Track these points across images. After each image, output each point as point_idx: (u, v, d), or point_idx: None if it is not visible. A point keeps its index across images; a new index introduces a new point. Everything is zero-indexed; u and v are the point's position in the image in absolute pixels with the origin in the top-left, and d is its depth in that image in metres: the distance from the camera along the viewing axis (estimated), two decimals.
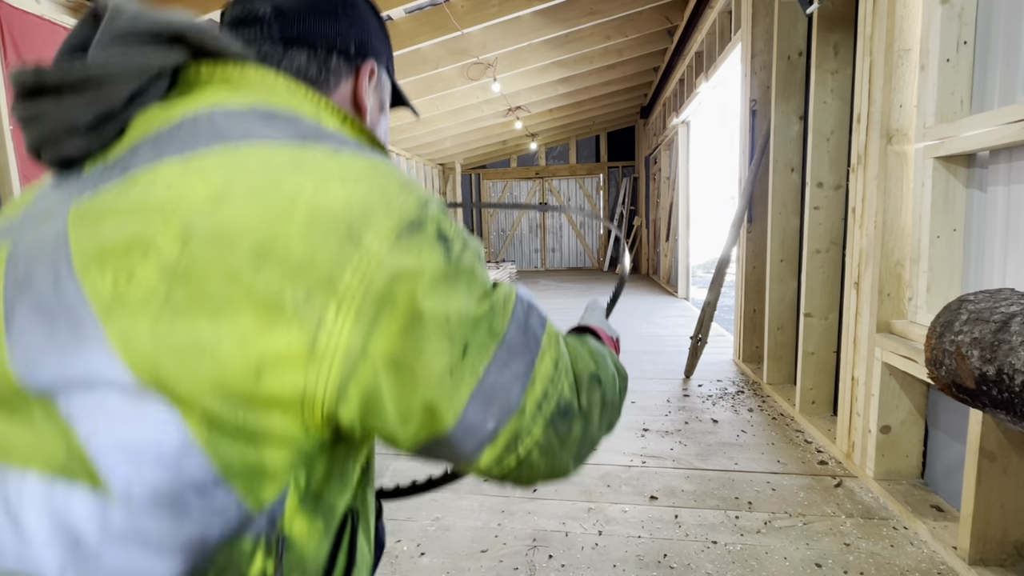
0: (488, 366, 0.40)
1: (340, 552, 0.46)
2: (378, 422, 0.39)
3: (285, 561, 0.40)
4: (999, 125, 1.38)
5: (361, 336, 0.36)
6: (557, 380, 0.45)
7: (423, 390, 0.38)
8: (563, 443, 0.46)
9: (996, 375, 1.00)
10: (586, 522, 1.72)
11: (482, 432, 0.41)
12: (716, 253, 8.93)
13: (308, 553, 0.42)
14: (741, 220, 3.23)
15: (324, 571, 0.44)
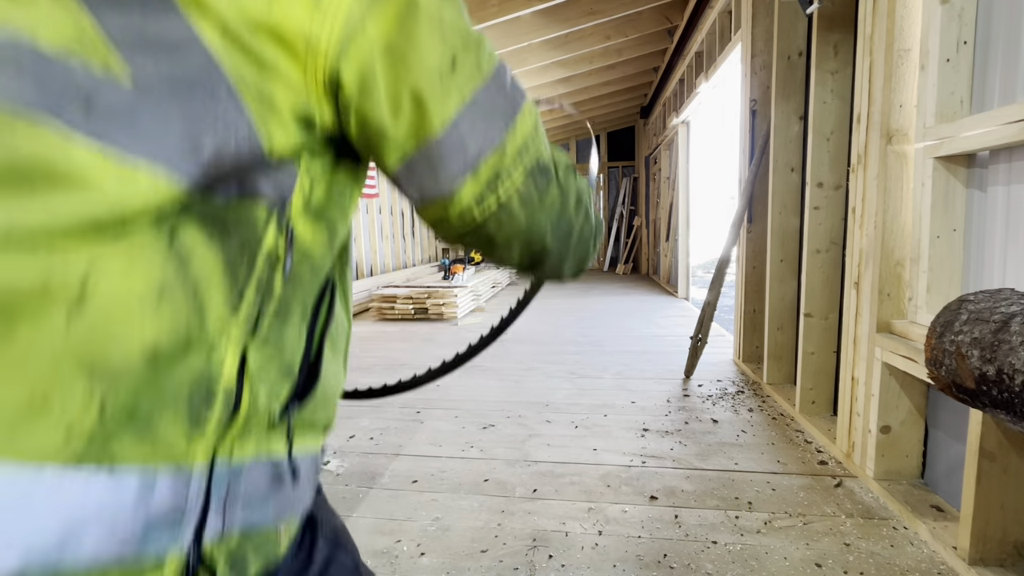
0: (475, 93, 0.43)
1: (323, 303, 0.48)
2: (371, 105, 0.40)
3: (294, 253, 0.41)
4: (999, 125, 1.38)
5: (361, 8, 0.38)
6: (536, 139, 0.48)
7: (414, 78, 0.40)
8: (542, 200, 0.49)
9: (996, 375, 1.00)
10: (586, 522, 1.72)
11: (466, 155, 0.43)
12: (716, 253, 8.93)
13: (315, 255, 0.44)
14: (741, 220, 3.23)
15: (314, 304, 0.46)
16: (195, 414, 0.37)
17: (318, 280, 0.46)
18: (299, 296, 0.43)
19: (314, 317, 0.46)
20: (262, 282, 0.39)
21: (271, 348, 0.41)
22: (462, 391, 3.13)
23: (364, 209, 7.34)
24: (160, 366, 0.35)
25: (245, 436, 0.40)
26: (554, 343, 4.30)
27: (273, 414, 0.42)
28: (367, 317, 5.98)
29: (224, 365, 0.38)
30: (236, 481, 0.40)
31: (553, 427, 2.53)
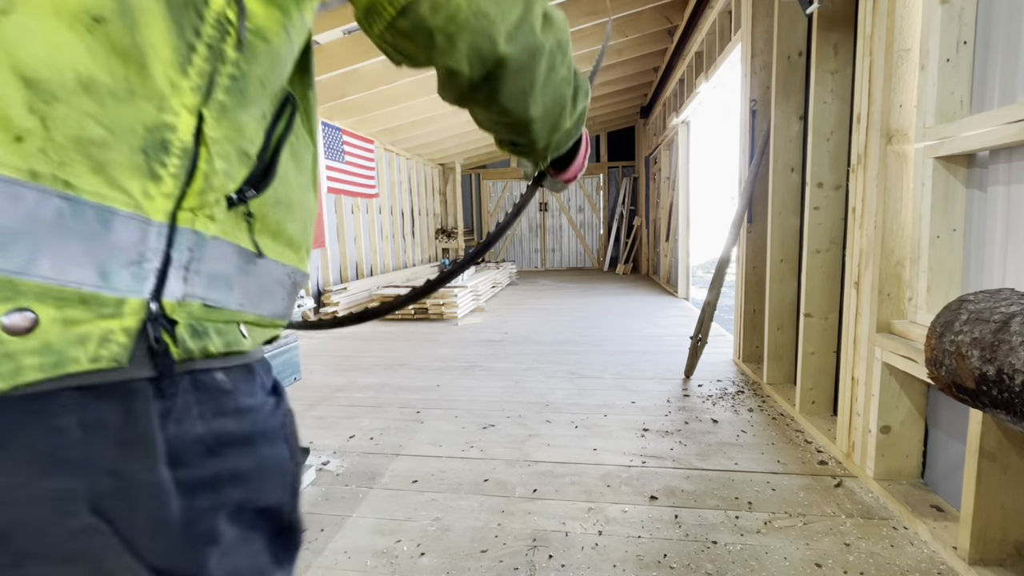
0: None
1: (284, 114, 0.49)
2: None
3: (245, 24, 0.41)
4: (999, 125, 1.38)
5: None
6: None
7: None
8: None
9: (996, 375, 1.00)
10: (586, 522, 1.72)
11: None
12: (716, 253, 8.92)
13: (268, 34, 0.44)
14: (741, 220, 3.23)
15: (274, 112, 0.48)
16: (151, 164, 0.38)
17: (276, 74, 0.46)
18: (256, 78, 0.44)
19: (274, 122, 0.48)
20: (213, 46, 0.40)
21: (229, 126, 0.42)
22: (462, 391, 3.13)
23: (364, 209, 7.34)
24: (103, 100, 0.36)
25: (205, 209, 0.41)
26: (554, 343, 4.30)
27: (229, 192, 0.43)
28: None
29: (179, 120, 0.39)
30: (199, 251, 0.41)
31: (553, 427, 2.53)
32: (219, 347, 0.44)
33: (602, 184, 10.70)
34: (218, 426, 0.44)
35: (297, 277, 0.55)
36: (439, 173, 10.67)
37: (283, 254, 0.52)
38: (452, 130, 7.81)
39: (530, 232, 11.24)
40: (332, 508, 1.85)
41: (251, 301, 0.48)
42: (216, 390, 0.44)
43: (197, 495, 0.42)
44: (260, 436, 0.48)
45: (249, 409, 0.48)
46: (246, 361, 0.48)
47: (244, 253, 0.46)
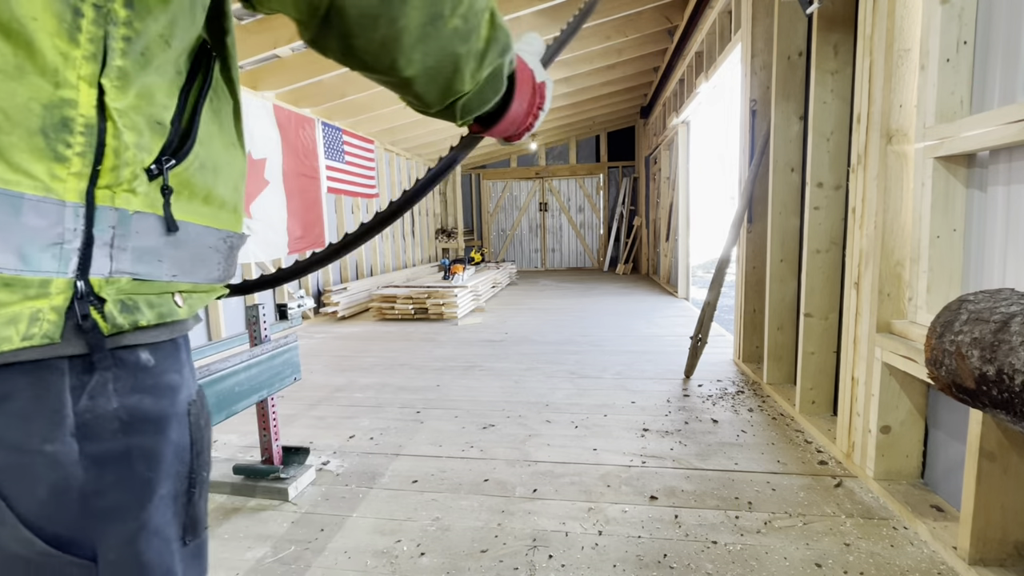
0: None
1: (200, 68, 0.48)
2: None
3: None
4: (999, 125, 1.38)
5: None
6: None
7: None
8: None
9: (996, 375, 1.00)
10: (586, 522, 1.72)
11: None
12: (716, 253, 8.90)
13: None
14: (741, 220, 3.23)
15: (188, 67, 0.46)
16: (53, 145, 0.37)
17: (181, 26, 0.44)
18: (156, 35, 0.41)
19: (190, 78, 0.46)
20: (100, 6, 0.38)
21: (136, 93, 0.41)
22: (462, 391, 3.13)
23: (364, 209, 7.34)
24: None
25: (123, 185, 0.41)
26: (554, 343, 4.30)
27: (147, 165, 0.42)
28: (367, 317, 5.98)
29: (79, 94, 0.37)
30: (123, 228, 0.41)
31: (553, 427, 2.53)
32: (151, 319, 0.45)
33: (602, 184, 10.70)
34: (134, 403, 0.44)
35: (233, 240, 0.54)
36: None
37: (216, 218, 0.51)
38: (452, 130, 7.81)
39: (530, 232, 11.23)
40: (332, 508, 1.85)
41: (184, 270, 0.47)
42: (137, 367, 0.45)
43: (106, 469, 0.42)
44: (174, 417, 0.48)
45: (170, 387, 0.48)
46: (175, 335, 0.48)
47: (174, 225, 0.45)
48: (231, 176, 0.52)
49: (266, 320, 1.99)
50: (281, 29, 3.77)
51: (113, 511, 0.43)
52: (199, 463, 0.52)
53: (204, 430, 0.53)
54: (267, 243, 4.81)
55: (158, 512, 0.47)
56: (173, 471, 0.48)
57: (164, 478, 0.47)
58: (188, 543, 0.51)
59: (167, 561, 0.48)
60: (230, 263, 0.54)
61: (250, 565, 1.55)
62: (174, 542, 0.49)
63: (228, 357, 1.75)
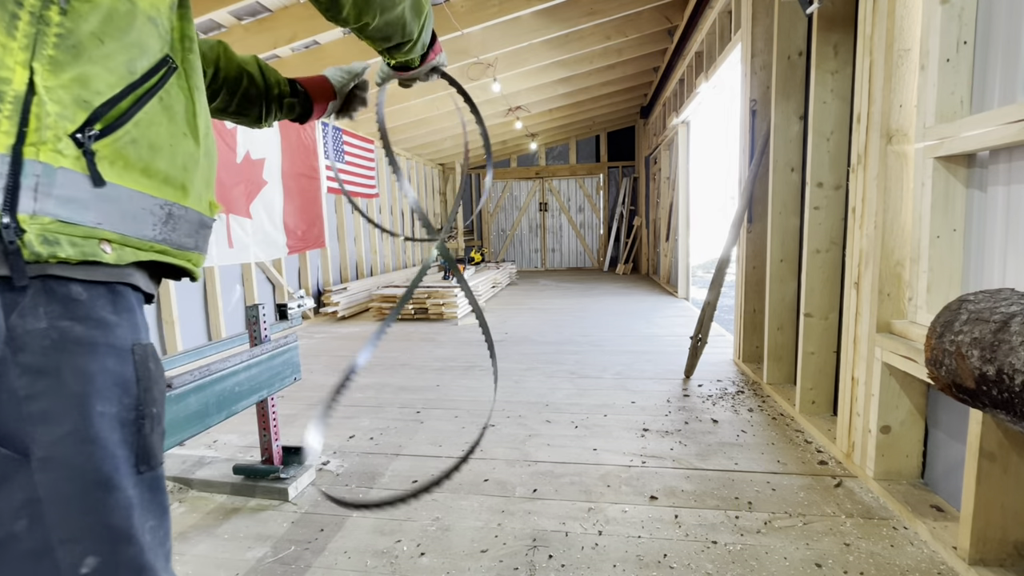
0: None
1: (153, 76, 0.59)
2: None
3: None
4: (999, 125, 1.38)
5: None
6: None
7: None
8: None
9: (996, 375, 1.00)
10: (586, 522, 1.72)
11: None
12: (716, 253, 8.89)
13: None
14: (741, 220, 3.23)
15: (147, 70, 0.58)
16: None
17: (117, 28, 0.55)
18: (89, 34, 0.52)
19: (143, 78, 0.58)
20: (35, 13, 0.49)
21: (69, 77, 0.52)
22: (462, 391, 3.13)
23: (364, 209, 7.33)
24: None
25: (47, 144, 0.51)
26: (554, 343, 4.30)
27: (69, 132, 0.52)
28: (367, 317, 5.98)
29: (13, 75, 0.49)
30: (48, 178, 0.51)
31: (553, 427, 2.53)
32: (72, 255, 0.53)
33: (602, 184, 10.70)
34: (65, 326, 0.53)
35: (174, 209, 0.63)
36: (439, 173, 10.67)
37: (158, 189, 0.61)
38: (452, 130, 7.81)
39: (530, 232, 11.24)
40: (332, 508, 1.85)
41: (111, 222, 0.56)
42: (67, 298, 0.54)
43: (38, 378, 0.51)
44: (108, 348, 0.57)
45: (102, 322, 0.56)
46: (111, 279, 0.58)
47: (100, 181, 0.54)
48: (178, 157, 0.63)
49: (266, 320, 1.99)
50: (281, 29, 3.77)
51: (44, 414, 0.51)
52: (147, 398, 0.60)
53: (153, 372, 0.62)
54: (267, 243, 4.81)
55: (99, 426, 0.54)
56: (115, 397, 0.56)
57: (102, 398, 0.55)
58: (143, 472, 0.58)
59: (106, 470, 0.54)
60: (172, 228, 0.64)
61: (250, 565, 1.56)
62: (123, 462, 0.56)
63: (228, 357, 1.75)
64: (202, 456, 2.26)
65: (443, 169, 10.80)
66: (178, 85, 0.64)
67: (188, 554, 1.62)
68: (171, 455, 2.24)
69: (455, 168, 10.45)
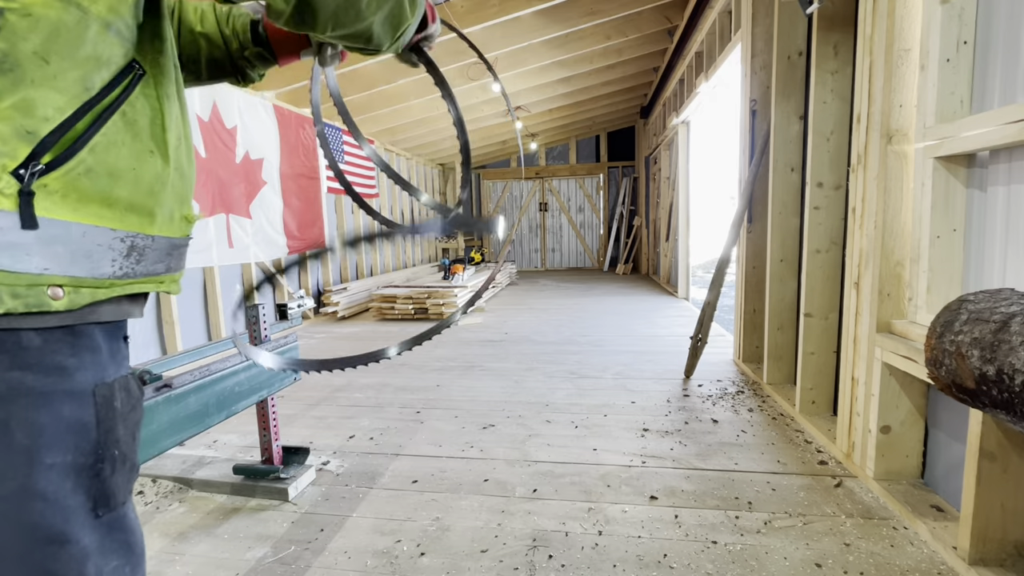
0: None
1: (116, 87, 0.53)
2: None
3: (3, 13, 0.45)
4: (999, 125, 1.38)
5: None
6: None
7: None
8: None
9: (996, 375, 1.00)
10: (586, 522, 1.72)
11: None
12: (716, 253, 8.89)
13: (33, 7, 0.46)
14: (741, 220, 3.23)
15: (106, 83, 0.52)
16: None
17: (65, 44, 0.48)
18: (30, 53, 0.46)
19: (102, 93, 0.51)
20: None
21: (6, 108, 0.45)
22: (462, 391, 3.13)
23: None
24: None
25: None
26: (554, 343, 4.30)
27: (6, 169, 0.46)
28: (367, 317, 5.98)
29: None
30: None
31: (553, 427, 2.53)
32: (14, 307, 0.48)
33: (602, 184, 10.70)
34: (13, 378, 0.50)
35: (137, 240, 0.57)
36: (439, 173, 10.67)
37: (120, 220, 0.55)
38: (452, 130, 7.80)
39: (530, 232, 11.24)
40: (332, 508, 1.85)
41: (60, 265, 0.51)
42: (17, 346, 0.50)
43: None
44: (64, 395, 0.52)
45: (57, 368, 0.53)
46: (70, 323, 0.53)
47: (48, 223, 0.49)
48: (140, 182, 0.57)
49: (266, 320, 1.99)
50: None
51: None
52: (109, 440, 0.56)
53: (119, 411, 0.57)
54: (266, 242, 4.81)
55: (47, 479, 0.51)
56: (68, 444, 0.53)
57: (52, 448, 0.52)
58: (101, 515, 0.57)
59: (56, 525, 0.52)
60: (135, 260, 0.58)
61: (250, 565, 1.55)
62: (78, 511, 0.53)
63: (228, 357, 1.75)
64: (202, 456, 2.26)
65: (443, 169, 10.80)
66: (144, 94, 0.57)
67: (188, 554, 1.62)
68: (171, 455, 2.24)
69: (455, 168, 10.44)
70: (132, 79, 0.54)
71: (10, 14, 0.45)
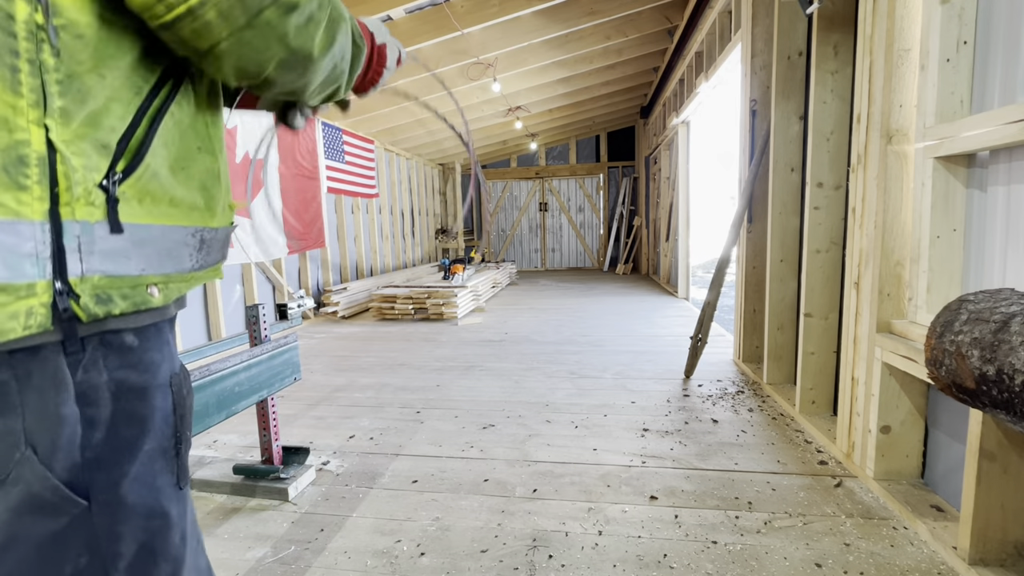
0: None
1: (163, 87, 0.55)
2: None
3: (54, 24, 0.46)
4: (999, 125, 1.38)
5: None
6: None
7: None
8: None
9: (996, 375, 1.00)
10: (586, 522, 1.72)
11: None
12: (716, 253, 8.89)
13: (82, 28, 0.48)
14: (741, 220, 3.23)
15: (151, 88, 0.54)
16: (15, 178, 0.46)
17: (113, 57, 0.51)
18: (89, 72, 0.49)
19: (151, 95, 0.54)
20: (32, 60, 0.46)
21: (81, 123, 0.49)
22: (462, 391, 3.13)
23: (364, 209, 7.34)
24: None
25: (80, 200, 0.49)
26: (554, 343, 4.30)
27: (98, 182, 0.50)
28: (367, 317, 5.98)
29: (30, 135, 0.46)
30: (88, 236, 0.50)
31: (553, 427, 2.53)
32: (125, 308, 0.54)
33: (602, 184, 10.70)
34: (121, 377, 0.56)
35: (205, 234, 0.63)
36: (439, 173, 10.67)
37: (187, 217, 0.60)
38: (451, 131, 7.80)
39: (530, 232, 11.24)
40: (332, 508, 1.85)
41: (153, 265, 0.56)
42: (123, 347, 0.56)
43: (95, 428, 0.54)
44: (156, 388, 0.60)
45: (151, 364, 0.59)
46: (156, 320, 0.60)
47: (133, 228, 0.54)
48: (196, 177, 0.61)
49: (266, 320, 1.99)
50: None
51: (100, 462, 0.54)
52: (183, 424, 0.64)
53: (186, 398, 0.65)
54: (266, 242, 4.82)
55: (143, 464, 0.58)
56: (159, 431, 0.60)
57: (149, 437, 0.59)
58: (182, 487, 0.64)
59: (149, 502, 0.59)
60: (205, 253, 0.64)
61: (250, 565, 1.55)
62: (168, 487, 0.61)
63: (228, 357, 1.74)
64: (202, 456, 2.26)
65: (443, 169, 10.80)
66: (185, 94, 0.59)
67: None
68: None
69: (455, 168, 10.44)
70: (175, 80, 0.57)
71: (65, 36, 0.47)
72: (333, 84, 0.69)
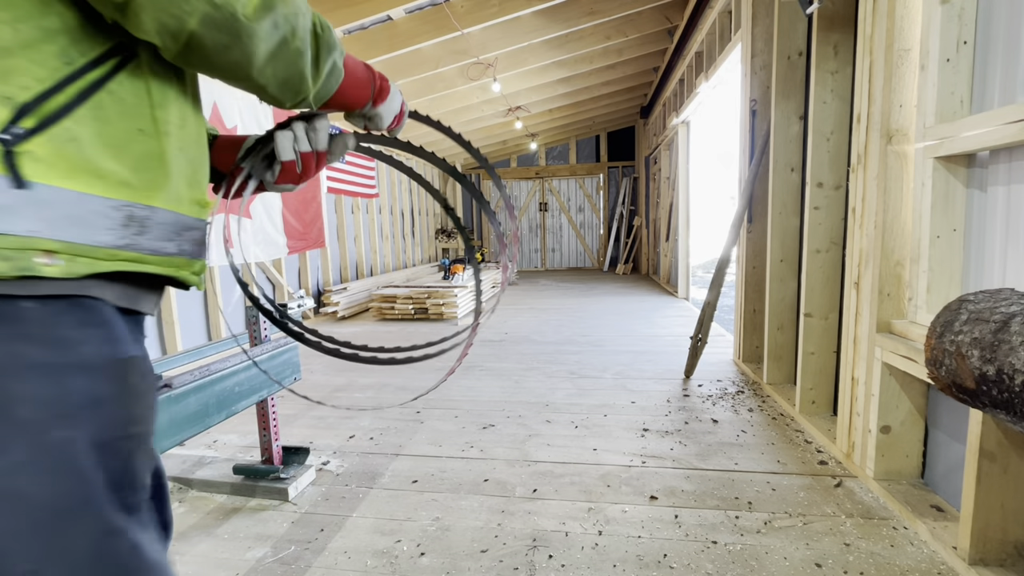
0: None
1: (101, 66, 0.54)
2: None
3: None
4: (999, 125, 1.38)
5: None
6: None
7: None
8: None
9: (996, 375, 1.00)
10: (586, 522, 1.72)
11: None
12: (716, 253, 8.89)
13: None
14: (741, 220, 3.23)
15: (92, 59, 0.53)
16: None
17: (37, 10, 0.50)
18: (7, 24, 0.48)
19: (85, 68, 0.53)
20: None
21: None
22: (462, 391, 3.13)
23: (364, 209, 7.34)
24: None
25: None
26: (554, 343, 4.30)
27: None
28: (367, 317, 5.98)
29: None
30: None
31: (553, 427, 2.53)
32: (5, 271, 0.48)
33: (602, 184, 10.70)
34: (13, 349, 0.49)
35: (135, 210, 0.57)
36: (439, 173, 10.67)
37: (114, 190, 0.55)
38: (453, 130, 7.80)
39: (530, 232, 11.24)
40: (332, 508, 1.85)
41: (51, 228, 0.51)
42: (15, 317, 0.50)
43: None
44: (74, 367, 0.53)
45: (62, 340, 0.52)
46: (70, 292, 0.53)
47: (40, 187, 0.50)
48: (132, 156, 0.57)
49: (266, 320, 1.99)
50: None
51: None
52: (125, 418, 0.57)
53: (134, 390, 0.58)
54: (266, 242, 4.81)
55: (57, 452, 0.51)
56: (82, 418, 0.52)
57: (62, 421, 0.51)
58: (126, 496, 0.55)
59: (73, 500, 0.51)
60: (136, 231, 0.58)
61: (250, 565, 1.56)
62: (98, 487, 0.53)
63: (228, 357, 1.75)
64: (202, 456, 2.26)
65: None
66: (134, 75, 0.57)
67: (188, 554, 1.62)
68: (171, 455, 2.24)
69: (455, 168, 10.44)
70: (120, 60, 0.56)
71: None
72: (291, 68, 0.64)
